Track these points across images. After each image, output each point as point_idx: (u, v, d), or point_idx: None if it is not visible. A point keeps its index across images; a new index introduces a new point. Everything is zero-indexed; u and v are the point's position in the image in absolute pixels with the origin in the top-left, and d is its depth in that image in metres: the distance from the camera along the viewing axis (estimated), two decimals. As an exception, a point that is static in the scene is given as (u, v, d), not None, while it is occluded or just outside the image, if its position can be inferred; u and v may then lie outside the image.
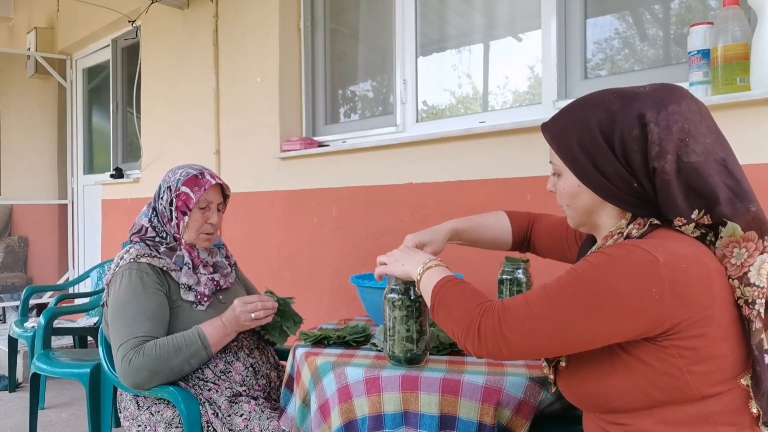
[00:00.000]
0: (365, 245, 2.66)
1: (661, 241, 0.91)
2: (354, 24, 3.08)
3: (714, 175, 0.92)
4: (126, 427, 1.76)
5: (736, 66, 1.61)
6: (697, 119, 0.94)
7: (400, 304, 1.34)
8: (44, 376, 3.06)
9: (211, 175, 1.84)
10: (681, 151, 0.92)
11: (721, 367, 0.90)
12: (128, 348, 1.62)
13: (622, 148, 0.95)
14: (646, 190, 0.96)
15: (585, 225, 1.09)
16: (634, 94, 0.97)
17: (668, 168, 0.92)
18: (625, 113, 0.96)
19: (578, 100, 1.04)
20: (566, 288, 0.92)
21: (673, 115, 0.93)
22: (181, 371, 1.65)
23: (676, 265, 0.87)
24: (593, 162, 0.98)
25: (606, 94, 1.00)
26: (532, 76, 2.36)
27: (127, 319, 1.66)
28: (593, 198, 1.01)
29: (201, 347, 1.65)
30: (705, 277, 0.89)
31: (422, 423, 1.24)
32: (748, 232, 0.91)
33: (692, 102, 0.96)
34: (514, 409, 1.24)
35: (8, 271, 4.88)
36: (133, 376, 1.61)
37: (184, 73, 3.73)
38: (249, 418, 1.64)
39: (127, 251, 1.80)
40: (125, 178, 4.37)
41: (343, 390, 1.32)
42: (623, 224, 1.00)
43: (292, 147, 2.96)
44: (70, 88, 5.17)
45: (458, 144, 2.32)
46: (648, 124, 0.93)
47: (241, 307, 1.69)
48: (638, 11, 2.10)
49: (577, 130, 1.00)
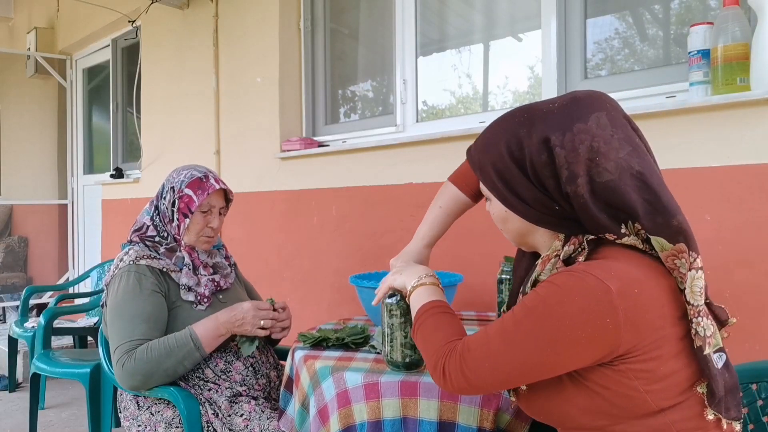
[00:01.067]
0: (365, 245, 2.66)
1: (612, 264, 0.88)
2: (354, 24, 3.07)
3: (630, 192, 0.89)
4: (126, 427, 1.76)
5: (736, 66, 1.61)
6: (608, 134, 0.90)
7: (398, 311, 1.33)
8: (44, 376, 3.06)
9: (215, 179, 1.84)
10: (592, 172, 0.89)
11: (676, 381, 0.89)
12: (122, 352, 1.63)
13: (535, 174, 0.93)
14: (567, 211, 0.93)
15: (523, 245, 1.07)
16: (541, 115, 0.94)
17: (581, 191, 0.89)
18: (530, 138, 0.93)
19: (492, 123, 1.02)
20: (521, 324, 0.90)
21: (579, 135, 0.89)
22: (176, 373, 1.65)
23: (629, 292, 0.85)
24: (511, 189, 0.96)
25: (516, 115, 0.97)
26: (532, 76, 2.36)
27: (124, 321, 1.66)
28: (522, 222, 0.99)
29: (193, 348, 1.64)
30: (657, 298, 0.88)
31: (421, 429, 1.24)
32: (678, 245, 0.89)
33: (602, 114, 0.91)
34: (514, 413, 1.24)
35: (8, 271, 4.88)
36: (128, 380, 1.62)
37: (184, 73, 3.73)
38: (249, 418, 1.64)
39: (127, 253, 1.80)
40: (125, 178, 4.36)
41: (341, 395, 1.32)
42: (558, 245, 0.97)
43: (292, 147, 2.95)
44: (70, 88, 5.16)
45: (458, 144, 2.32)
46: (554, 148, 0.90)
47: (254, 311, 1.69)
48: (638, 11, 2.09)
49: (491, 157, 0.98)
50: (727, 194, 1.63)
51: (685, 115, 1.72)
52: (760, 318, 1.57)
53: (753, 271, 1.59)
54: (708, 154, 1.68)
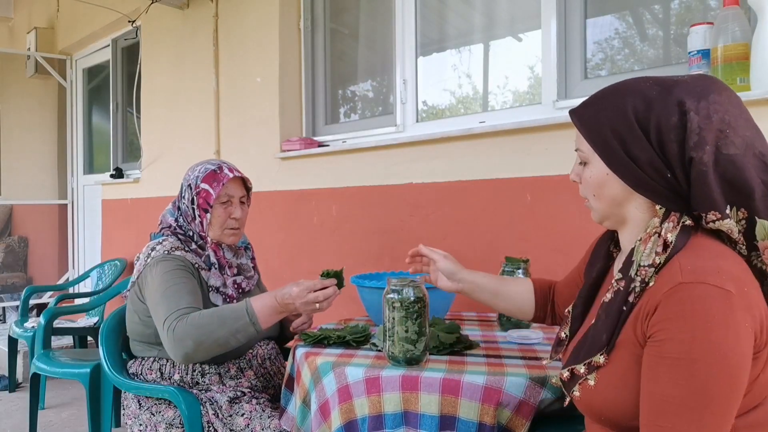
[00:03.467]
0: (365, 245, 2.66)
1: (713, 263, 0.86)
2: (354, 24, 3.08)
3: (751, 169, 0.88)
4: (128, 425, 1.76)
5: (736, 66, 1.61)
6: (737, 112, 0.91)
7: (399, 305, 1.34)
8: (44, 376, 3.06)
9: (229, 168, 1.81)
10: (720, 143, 0.88)
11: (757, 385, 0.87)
12: (172, 319, 1.56)
13: (658, 136, 0.91)
14: (679, 181, 0.91)
15: (610, 219, 1.03)
16: (673, 82, 0.93)
17: (706, 159, 0.88)
18: (663, 100, 0.91)
19: (611, 86, 0.99)
20: (691, 386, 0.81)
21: (714, 105, 0.89)
22: (227, 344, 1.56)
23: (743, 291, 0.84)
24: (626, 149, 0.94)
25: (642, 81, 0.96)
26: (532, 76, 2.36)
27: (168, 298, 1.61)
28: (622, 188, 0.96)
29: (248, 323, 1.55)
30: (758, 292, 0.87)
31: (422, 423, 1.24)
32: None
33: (732, 94, 0.93)
34: (514, 409, 1.24)
35: (8, 271, 4.88)
36: (179, 347, 1.53)
37: (184, 73, 3.73)
38: (250, 417, 1.64)
39: (160, 243, 1.76)
40: (125, 178, 4.37)
41: (343, 390, 1.32)
42: (656, 222, 0.94)
43: (292, 147, 2.96)
44: (70, 88, 5.17)
45: (458, 144, 2.32)
46: (688, 112, 0.89)
47: (308, 295, 1.55)
48: (638, 11, 2.10)
49: (611, 116, 0.95)
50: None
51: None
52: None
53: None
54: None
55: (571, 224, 1.98)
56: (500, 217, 2.19)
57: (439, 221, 2.39)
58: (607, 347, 0.94)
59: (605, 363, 0.95)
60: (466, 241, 2.30)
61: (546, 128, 2.04)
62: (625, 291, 0.94)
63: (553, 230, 2.03)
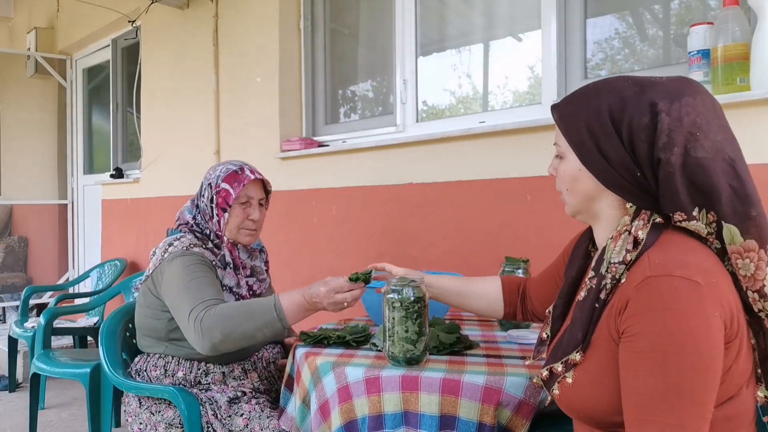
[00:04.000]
0: (365, 245, 2.66)
1: (679, 255, 0.88)
2: (354, 24, 3.08)
3: (719, 174, 0.89)
4: (128, 422, 1.76)
5: (736, 66, 1.61)
6: (711, 115, 0.92)
7: (399, 304, 1.34)
8: (44, 376, 3.06)
9: (251, 170, 1.81)
10: (690, 145, 0.89)
11: (730, 378, 0.88)
12: (199, 310, 1.54)
13: (629, 135, 0.93)
14: (648, 180, 0.93)
15: (583, 213, 1.06)
16: (649, 83, 0.95)
17: (674, 160, 0.90)
18: (637, 100, 0.93)
19: (592, 83, 1.01)
20: (668, 376, 0.83)
21: (686, 107, 0.91)
22: (254, 338, 1.54)
23: (710, 282, 0.85)
24: (598, 146, 0.95)
25: (621, 80, 0.97)
26: (532, 76, 2.36)
27: (192, 290, 1.60)
28: (594, 184, 0.99)
29: (275, 318, 1.52)
30: (728, 286, 0.88)
31: (422, 423, 1.24)
32: (748, 242, 0.89)
33: (707, 97, 0.93)
34: (514, 409, 1.24)
35: (8, 271, 4.88)
36: (206, 337, 1.51)
37: (184, 72, 3.73)
38: (249, 417, 1.64)
39: (178, 239, 1.75)
40: (125, 178, 4.37)
41: (343, 390, 1.32)
42: (627, 221, 0.96)
43: (292, 147, 2.96)
44: (70, 88, 5.17)
45: (458, 144, 2.32)
46: (659, 113, 0.91)
47: (329, 298, 1.51)
48: (638, 11, 2.10)
49: (587, 113, 0.97)
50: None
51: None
52: (759, 317, 1.58)
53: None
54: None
55: (571, 224, 1.97)
56: (500, 217, 2.19)
57: (439, 221, 2.39)
58: (582, 345, 0.96)
59: (581, 360, 0.96)
60: (466, 241, 2.30)
61: (546, 128, 2.04)
62: (597, 288, 0.96)
63: (553, 230, 2.03)
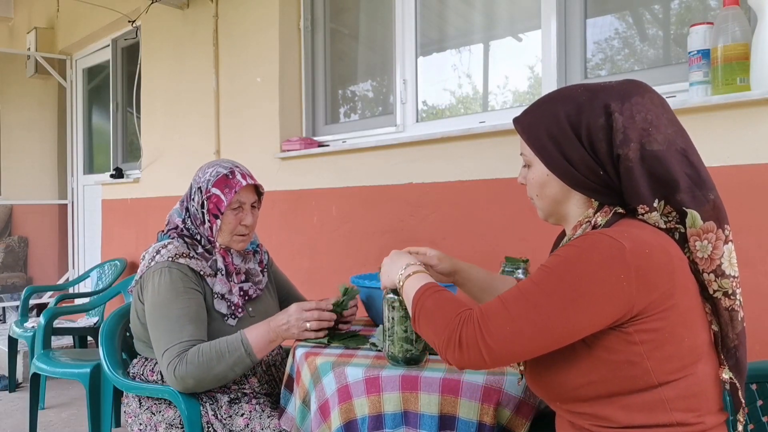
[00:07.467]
0: (365, 245, 2.66)
1: (626, 229, 0.95)
2: (354, 24, 3.08)
3: (675, 164, 0.96)
4: (128, 423, 1.75)
5: (736, 66, 1.61)
6: (659, 111, 0.99)
7: (398, 304, 1.34)
8: (44, 376, 3.06)
9: (242, 174, 1.75)
10: (644, 140, 0.97)
11: (678, 353, 0.93)
12: (172, 355, 1.57)
13: (589, 137, 0.99)
14: (611, 177, 0.99)
15: (553, 216, 1.12)
16: (600, 87, 1.02)
17: (631, 155, 0.96)
18: (591, 104, 1.00)
19: (548, 94, 1.08)
20: (540, 285, 0.94)
21: (636, 106, 0.98)
22: (225, 378, 1.59)
23: (641, 251, 0.91)
24: (561, 151, 1.02)
25: (574, 88, 1.05)
26: (532, 76, 2.36)
27: (170, 322, 1.60)
28: (561, 187, 1.05)
29: (244, 354, 1.57)
30: (667, 263, 0.93)
31: (422, 423, 1.24)
32: (707, 223, 0.96)
33: (654, 96, 1.01)
34: (514, 408, 1.24)
35: (8, 271, 4.88)
36: (180, 385, 1.58)
37: (184, 72, 3.73)
38: (249, 417, 1.64)
39: (165, 246, 1.72)
40: (125, 178, 4.37)
41: (342, 390, 1.32)
42: (590, 213, 1.04)
43: (292, 147, 2.96)
44: (70, 88, 5.17)
45: (458, 144, 2.32)
46: (613, 113, 0.98)
47: (298, 314, 1.59)
48: (638, 11, 2.10)
49: (547, 121, 1.04)
50: (727, 194, 1.63)
51: (685, 115, 1.72)
52: (760, 319, 1.58)
53: (753, 271, 1.60)
54: (708, 154, 1.66)
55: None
56: (500, 217, 2.19)
57: (439, 221, 2.39)
58: None
59: None
60: (466, 241, 2.29)
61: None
62: None
63: (553, 230, 2.02)
